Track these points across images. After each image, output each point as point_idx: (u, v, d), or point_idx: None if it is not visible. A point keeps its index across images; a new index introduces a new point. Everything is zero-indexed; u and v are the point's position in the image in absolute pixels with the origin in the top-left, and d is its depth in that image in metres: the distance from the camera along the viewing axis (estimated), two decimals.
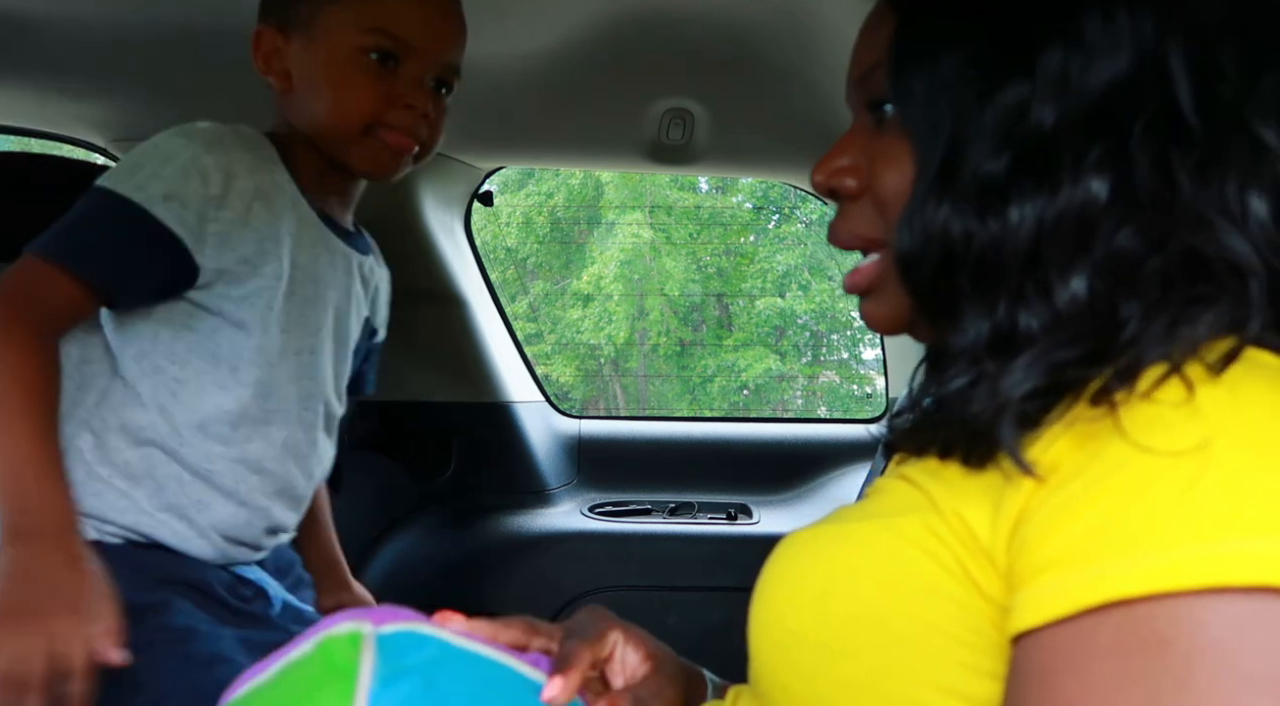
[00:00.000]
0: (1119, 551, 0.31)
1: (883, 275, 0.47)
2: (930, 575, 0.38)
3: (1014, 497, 0.36)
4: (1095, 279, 0.38)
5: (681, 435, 1.66)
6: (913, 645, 0.38)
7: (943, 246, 0.42)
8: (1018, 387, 0.37)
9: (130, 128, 1.29)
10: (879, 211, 0.47)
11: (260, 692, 0.45)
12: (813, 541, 0.46)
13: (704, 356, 9.78)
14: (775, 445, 1.66)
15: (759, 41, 1.02)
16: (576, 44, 1.03)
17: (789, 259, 9.58)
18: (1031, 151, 0.40)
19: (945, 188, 0.42)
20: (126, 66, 1.09)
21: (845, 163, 0.49)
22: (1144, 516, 0.31)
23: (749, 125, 1.27)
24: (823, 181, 0.50)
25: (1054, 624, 0.32)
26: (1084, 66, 0.39)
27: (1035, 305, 0.39)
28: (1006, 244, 0.40)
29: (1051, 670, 0.32)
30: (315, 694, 0.42)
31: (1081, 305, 0.38)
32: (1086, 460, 0.34)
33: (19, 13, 0.95)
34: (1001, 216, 0.40)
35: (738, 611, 0.48)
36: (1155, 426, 0.33)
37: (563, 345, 9.64)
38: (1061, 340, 0.38)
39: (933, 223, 0.42)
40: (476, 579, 1.43)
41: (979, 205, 0.41)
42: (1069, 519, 0.33)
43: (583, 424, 1.68)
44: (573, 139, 1.35)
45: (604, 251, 9.41)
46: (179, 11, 0.95)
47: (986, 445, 0.38)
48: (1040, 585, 0.33)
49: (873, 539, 0.41)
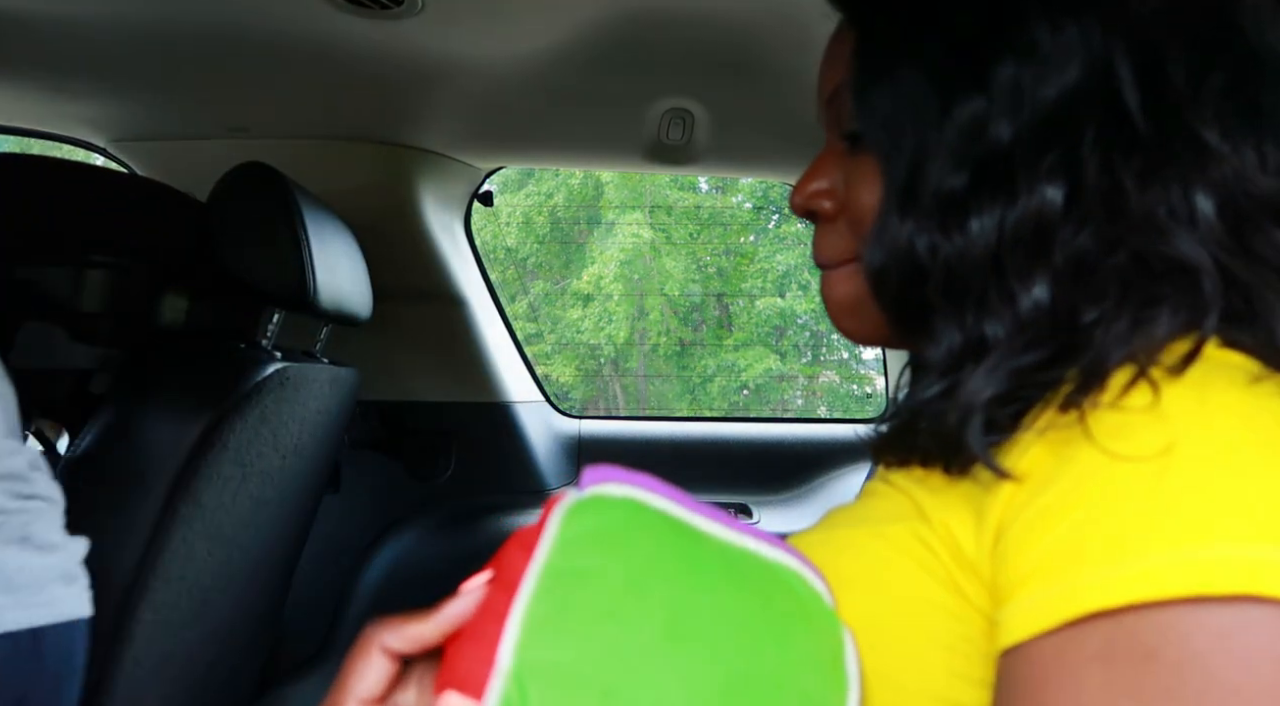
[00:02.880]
0: (1096, 560, 0.31)
1: (859, 290, 0.48)
2: (921, 584, 0.38)
3: (993, 507, 0.36)
4: (1055, 284, 0.38)
5: (681, 435, 1.66)
6: (904, 654, 0.37)
7: (909, 262, 0.42)
8: (980, 393, 0.38)
9: (130, 128, 1.29)
10: (853, 231, 0.47)
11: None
12: (809, 547, 0.45)
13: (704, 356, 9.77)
14: (775, 445, 1.66)
15: (759, 41, 1.01)
16: (576, 44, 1.03)
17: (789, 259, 9.57)
18: (990, 165, 0.40)
19: (908, 204, 0.42)
20: (126, 66, 1.09)
21: (822, 185, 0.50)
22: (1117, 524, 0.31)
23: (749, 125, 1.27)
24: (801, 204, 0.51)
25: (1038, 637, 0.32)
26: (1037, 78, 0.39)
27: (1000, 313, 0.39)
28: (969, 255, 0.40)
29: (1038, 684, 0.32)
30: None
31: (1043, 310, 0.38)
32: (1059, 467, 0.34)
33: (19, 13, 0.95)
34: (963, 229, 0.40)
35: None
36: (1123, 432, 0.33)
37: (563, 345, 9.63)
38: (1022, 345, 0.38)
39: (898, 239, 0.42)
40: None
41: (942, 220, 0.41)
42: (1044, 529, 0.33)
43: (583, 424, 1.68)
44: (573, 139, 1.34)
45: (604, 251, 9.40)
46: (179, 11, 0.95)
47: (959, 452, 0.38)
48: (1022, 598, 0.33)
49: (864, 547, 0.41)
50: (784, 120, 1.24)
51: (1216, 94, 0.38)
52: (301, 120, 1.27)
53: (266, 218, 0.98)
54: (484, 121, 1.28)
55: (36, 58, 1.07)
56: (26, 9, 0.95)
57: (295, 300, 0.98)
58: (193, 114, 1.25)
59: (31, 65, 1.10)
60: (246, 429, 0.94)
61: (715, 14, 0.96)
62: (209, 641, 1.05)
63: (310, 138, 1.31)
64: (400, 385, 1.54)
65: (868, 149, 0.45)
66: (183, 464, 0.87)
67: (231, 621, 1.10)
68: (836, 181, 0.49)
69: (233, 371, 0.93)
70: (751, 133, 1.29)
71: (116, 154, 1.35)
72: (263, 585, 1.18)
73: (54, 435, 1.12)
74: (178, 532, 0.88)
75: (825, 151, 0.51)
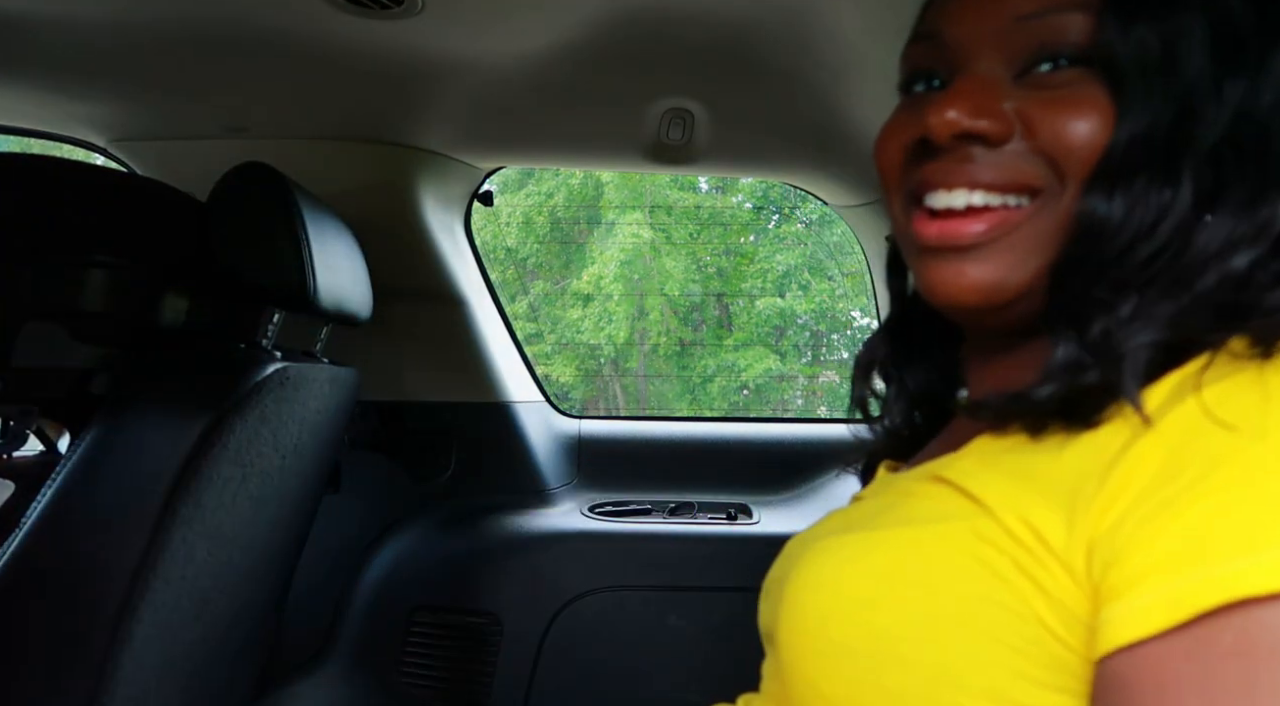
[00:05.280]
0: (1237, 548, 0.29)
1: (1016, 228, 0.43)
2: (982, 582, 0.36)
3: (1094, 500, 0.34)
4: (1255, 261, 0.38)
5: (681, 435, 1.66)
6: (965, 654, 0.36)
7: (1152, 226, 0.39)
8: (1139, 336, 0.37)
9: (130, 128, 1.29)
10: (1047, 160, 0.42)
11: None
12: (843, 548, 0.44)
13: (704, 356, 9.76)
14: (775, 445, 1.65)
15: (759, 41, 1.01)
16: (576, 44, 1.03)
17: (789, 259, 9.56)
18: (1248, 137, 0.38)
19: (1171, 166, 0.39)
20: (126, 66, 1.09)
21: (992, 103, 0.44)
22: (1250, 513, 0.30)
23: (749, 125, 1.26)
24: (961, 118, 0.43)
25: (1163, 634, 0.30)
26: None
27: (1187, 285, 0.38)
28: (1206, 232, 0.39)
29: (1165, 686, 0.30)
30: None
31: (1241, 278, 0.37)
32: (1178, 452, 0.33)
33: (19, 13, 0.95)
34: (1214, 206, 0.39)
35: (738, 611, 0.48)
36: (1247, 410, 0.32)
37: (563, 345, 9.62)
38: (1191, 305, 0.37)
39: (1155, 196, 0.39)
40: (476, 578, 1.43)
41: (1198, 186, 0.39)
42: (1171, 518, 0.31)
43: (583, 424, 1.68)
44: (573, 139, 1.34)
45: (604, 251, 9.39)
46: (179, 11, 0.95)
47: (1100, 397, 0.37)
48: (1143, 592, 0.31)
49: (915, 545, 0.40)
50: (784, 120, 1.24)
51: None
52: (301, 120, 1.26)
53: (266, 218, 0.98)
54: (484, 121, 1.28)
55: (36, 58, 1.07)
56: (26, 9, 0.95)
57: (295, 300, 0.98)
58: (193, 114, 1.25)
59: (31, 65, 1.10)
60: (246, 429, 0.94)
61: (715, 14, 0.96)
62: (209, 641, 1.05)
63: (310, 138, 1.31)
64: (400, 385, 1.54)
65: (1094, 83, 0.41)
66: (182, 464, 0.87)
67: (231, 622, 1.10)
68: (1003, 106, 0.44)
69: (232, 371, 0.93)
70: (751, 133, 1.29)
71: (116, 154, 1.35)
72: (262, 585, 1.18)
73: (54, 435, 1.12)
74: (178, 533, 0.88)
75: (973, 79, 0.45)
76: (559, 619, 1.41)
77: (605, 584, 1.42)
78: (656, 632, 1.40)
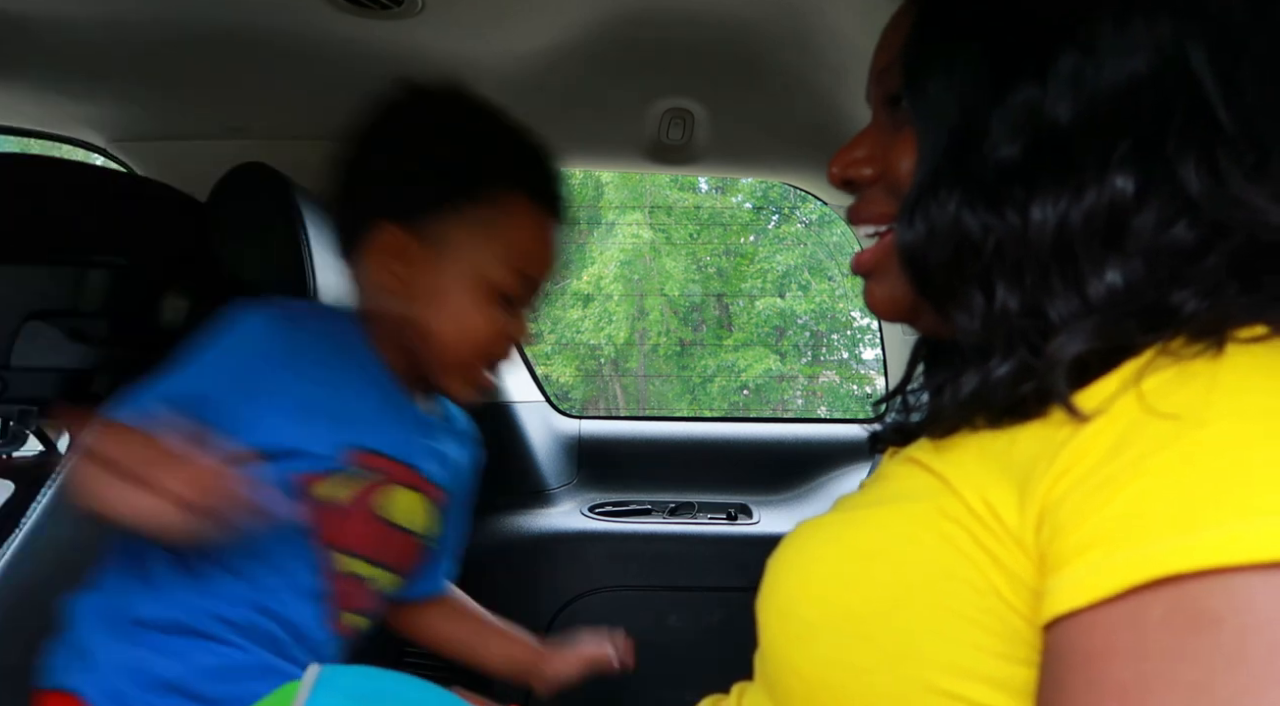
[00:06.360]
0: (1172, 526, 0.31)
1: (888, 255, 0.49)
2: (945, 557, 0.38)
3: (1040, 480, 0.36)
4: (1132, 270, 0.39)
5: (681, 435, 1.66)
6: (928, 628, 0.38)
7: (953, 239, 0.43)
8: (1066, 349, 0.38)
9: (130, 128, 1.29)
10: (893, 194, 0.49)
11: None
12: (820, 529, 0.46)
13: (704, 356, 9.77)
14: (775, 445, 1.65)
15: (759, 41, 1.01)
16: (576, 44, 1.03)
17: (789, 259, 9.57)
18: (1047, 146, 0.41)
19: (956, 181, 0.43)
20: (126, 66, 1.09)
21: (861, 154, 0.52)
22: (1185, 493, 0.31)
23: (749, 125, 1.26)
24: (839, 173, 0.53)
25: (1098, 604, 0.32)
26: (1097, 67, 0.40)
27: (1066, 295, 0.40)
28: (1030, 238, 0.41)
29: (1097, 653, 0.32)
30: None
31: (1119, 294, 0.39)
32: (1121, 436, 0.34)
33: (19, 13, 0.95)
34: (1023, 211, 0.41)
35: (738, 611, 0.48)
36: (1188, 402, 0.33)
37: (563, 345, 9.63)
38: (1113, 316, 0.39)
39: (941, 215, 0.43)
40: (476, 578, 1.42)
41: (995, 199, 0.42)
42: (1111, 495, 0.33)
43: (583, 424, 1.68)
44: (573, 139, 1.34)
45: (604, 251, 9.40)
46: (179, 11, 0.95)
47: (1035, 398, 0.39)
48: (1081, 565, 0.33)
49: (884, 524, 0.42)
50: (784, 120, 1.24)
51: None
52: (301, 120, 1.26)
53: (266, 218, 0.98)
54: None
55: (36, 58, 1.07)
56: (26, 9, 0.95)
57: None
58: (193, 114, 1.25)
59: (31, 65, 1.10)
60: None
61: (715, 14, 0.96)
62: None
63: (310, 138, 1.31)
64: None
65: (911, 121, 0.47)
66: None
67: None
68: (877, 152, 0.51)
69: None
70: (751, 133, 1.29)
71: (116, 154, 1.35)
72: None
73: (54, 435, 1.12)
74: None
75: (868, 127, 0.53)
76: (559, 619, 1.41)
77: (605, 584, 1.42)
78: (656, 632, 1.40)
